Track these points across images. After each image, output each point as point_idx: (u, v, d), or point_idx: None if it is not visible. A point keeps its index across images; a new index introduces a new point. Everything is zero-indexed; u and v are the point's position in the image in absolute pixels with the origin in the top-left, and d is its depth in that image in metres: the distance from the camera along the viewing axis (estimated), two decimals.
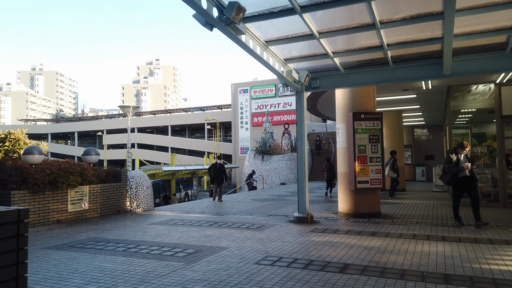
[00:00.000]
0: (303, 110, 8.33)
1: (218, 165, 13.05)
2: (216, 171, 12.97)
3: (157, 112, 72.17)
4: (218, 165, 13.06)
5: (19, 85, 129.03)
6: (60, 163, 8.77)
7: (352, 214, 8.76)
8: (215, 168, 13.06)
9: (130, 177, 10.66)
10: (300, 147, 8.34)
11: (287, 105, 50.16)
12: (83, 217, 9.18)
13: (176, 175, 32.61)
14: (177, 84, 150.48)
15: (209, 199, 13.97)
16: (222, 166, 13.10)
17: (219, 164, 13.09)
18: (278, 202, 12.36)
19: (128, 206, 10.51)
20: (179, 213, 10.00)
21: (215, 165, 13.11)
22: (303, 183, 8.26)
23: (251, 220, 8.57)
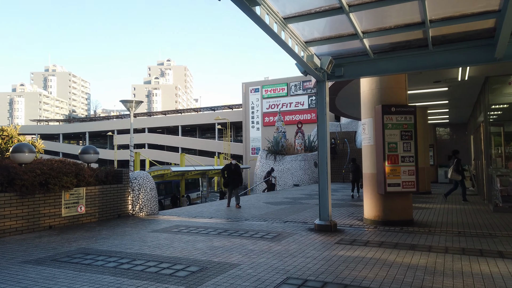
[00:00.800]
0: (325, 103, 7.28)
1: (233, 166, 11.46)
2: (231, 173, 11.36)
3: (167, 112, 71.76)
4: (233, 166, 11.47)
5: (32, 86, 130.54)
6: (53, 162, 7.89)
7: (380, 222, 7.67)
8: (229, 169, 11.44)
9: (133, 178, 9.76)
10: (322, 145, 7.29)
11: (299, 104, 49.03)
12: (79, 222, 8.29)
13: (185, 175, 31.80)
14: (188, 84, 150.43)
15: (219, 202, 12.99)
16: (237, 167, 11.52)
17: (234, 165, 11.52)
18: (294, 206, 11.32)
19: (130, 210, 9.60)
20: (185, 218, 9.04)
21: (229, 166, 11.49)
22: (325, 186, 7.20)
23: (265, 227, 7.55)
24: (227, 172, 11.47)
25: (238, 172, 11.44)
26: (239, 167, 11.64)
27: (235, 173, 11.37)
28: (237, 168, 11.49)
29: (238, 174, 11.41)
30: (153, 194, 10.01)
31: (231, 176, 11.35)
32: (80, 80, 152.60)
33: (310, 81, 48.22)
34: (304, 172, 23.28)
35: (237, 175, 11.37)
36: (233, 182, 11.33)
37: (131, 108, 10.41)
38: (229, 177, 11.35)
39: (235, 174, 11.35)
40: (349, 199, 13.16)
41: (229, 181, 11.39)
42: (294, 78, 49.87)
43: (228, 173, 11.42)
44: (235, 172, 11.39)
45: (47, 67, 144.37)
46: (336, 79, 7.44)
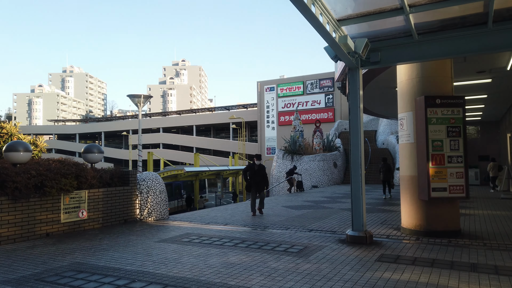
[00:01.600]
0: (358, 94, 6.25)
1: (256, 167, 9.64)
2: (254, 175, 9.62)
3: (182, 112, 71.46)
4: (256, 166, 9.64)
5: (50, 87, 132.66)
6: (50, 162, 7.10)
7: (422, 232, 6.59)
8: (252, 170, 9.64)
9: (141, 179, 8.92)
10: (355, 143, 6.26)
11: (315, 103, 47.79)
12: (81, 228, 7.47)
13: (199, 176, 31.03)
14: (202, 84, 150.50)
15: (234, 206, 12.05)
16: (262, 168, 9.73)
17: (258, 166, 9.67)
18: (317, 210, 10.29)
19: (137, 214, 8.76)
20: (197, 224, 8.14)
21: (252, 167, 9.67)
22: (358, 191, 6.17)
23: (288, 237, 6.57)
24: (249, 173, 9.69)
25: (263, 174, 9.74)
26: (264, 168, 9.82)
27: (259, 175, 9.66)
28: (261, 169, 9.73)
29: (263, 176, 9.72)
30: (163, 197, 9.15)
31: (254, 178, 9.63)
32: (97, 81, 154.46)
33: (327, 79, 46.93)
34: (323, 172, 22.17)
35: (261, 177, 9.68)
36: (257, 185, 9.62)
37: (139, 103, 9.60)
38: (252, 179, 9.64)
39: (259, 176, 9.65)
40: (377, 203, 12.04)
41: (252, 184, 9.68)
42: (310, 76, 48.68)
43: (251, 174, 9.65)
44: (259, 173, 9.68)
45: (65, 68, 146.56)
46: (371, 66, 6.40)
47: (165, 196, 9.22)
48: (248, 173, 9.72)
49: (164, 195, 9.19)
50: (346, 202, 12.07)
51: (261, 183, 9.63)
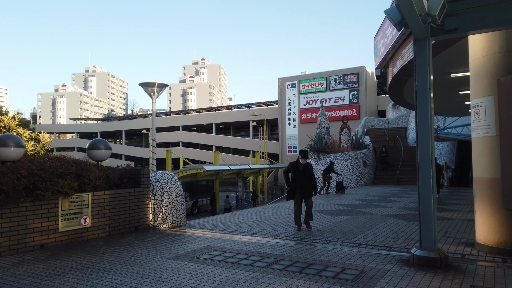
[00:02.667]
0: (428, 71, 4.81)
1: (301, 166, 7.41)
2: (299, 176, 7.38)
3: (202, 110, 70.80)
4: (301, 166, 7.41)
5: (73, 86, 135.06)
6: (45, 160, 5.99)
7: (508, 251, 5.09)
8: (295, 170, 7.41)
9: (154, 180, 7.74)
10: (424, 135, 4.84)
11: (339, 99, 45.94)
12: (83, 238, 6.34)
13: (220, 175, 29.92)
14: (222, 83, 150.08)
15: (260, 210, 10.75)
16: (308, 168, 7.46)
17: (304, 165, 7.41)
18: (356, 217, 8.86)
19: (150, 220, 7.58)
20: (219, 234, 6.88)
21: (296, 166, 7.42)
22: (428, 198, 4.75)
23: (334, 255, 5.21)
24: (292, 174, 7.47)
25: (309, 175, 7.43)
26: (311, 167, 7.54)
27: (305, 177, 7.37)
28: (307, 169, 7.43)
29: (310, 178, 7.43)
30: (180, 200, 7.94)
31: (299, 180, 7.37)
32: (118, 80, 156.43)
33: (352, 75, 45.02)
34: (352, 172, 20.59)
35: (308, 179, 7.41)
36: (302, 190, 7.36)
37: (152, 93, 8.43)
38: (296, 182, 7.40)
39: (305, 178, 7.37)
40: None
41: (296, 189, 7.39)
42: (333, 72, 46.85)
43: (295, 176, 7.42)
44: (305, 174, 7.38)
45: (87, 68, 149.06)
46: (445, 36, 4.94)
47: (182, 200, 8.01)
48: (291, 174, 7.51)
49: (181, 198, 7.98)
50: (387, 207, 10.58)
51: (307, 187, 7.40)
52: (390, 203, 11.58)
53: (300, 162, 7.42)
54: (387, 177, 21.87)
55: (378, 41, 10.10)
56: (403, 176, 21.20)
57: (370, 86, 46.54)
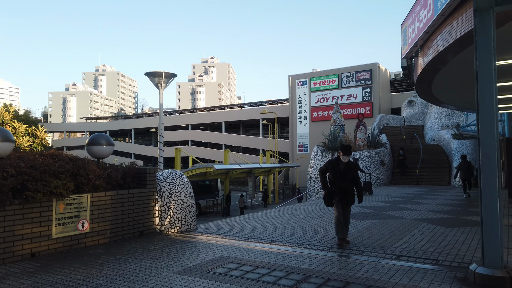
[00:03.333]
0: (492, 48, 3.94)
1: (343, 165, 5.83)
2: (340, 177, 5.80)
3: (211, 109, 70.22)
4: (342, 164, 5.83)
5: (84, 85, 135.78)
6: (37, 157, 5.26)
7: None
8: (335, 169, 5.82)
9: (161, 179, 6.97)
10: (487, 126, 3.96)
11: (351, 97, 44.87)
12: (81, 245, 5.60)
13: (230, 174, 29.18)
14: (231, 82, 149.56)
15: (276, 212, 9.93)
16: (351, 168, 5.91)
17: (346, 164, 5.84)
18: (384, 222, 7.98)
19: (157, 224, 6.83)
20: (234, 240, 6.09)
21: (336, 164, 5.84)
22: (493, 203, 3.87)
23: (373, 271, 4.37)
24: (331, 175, 5.82)
25: (353, 176, 5.86)
26: (356, 167, 6.35)
27: (346, 177, 5.78)
28: (350, 168, 5.84)
29: (353, 179, 5.87)
30: (189, 202, 7.16)
31: (340, 183, 5.76)
32: (128, 79, 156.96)
33: (364, 72, 43.88)
34: (369, 171, 19.62)
35: (350, 181, 5.84)
36: (344, 195, 5.75)
37: (159, 83, 7.65)
38: (337, 184, 5.77)
39: (346, 180, 5.78)
40: (457, 210, 9.54)
41: (335, 193, 5.76)
42: (346, 69, 45.77)
43: (334, 177, 5.78)
44: (347, 175, 5.78)
45: (98, 67, 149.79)
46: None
47: (191, 201, 7.24)
48: (329, 174, 5.87)
49: (190, 199, 7.21)
50: (415, 210, 9.67)
51: (349, 191, 5.81)
52: (417, 205, 10.66)
53: (341, 160, 5.80)
54: (405, 177, 20.85)
55: (406, 28, 9.20)
56: (423, 176, 20.16)
57: (384, 83, 45.36)
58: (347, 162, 5.87)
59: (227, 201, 25.78)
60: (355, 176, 5.94)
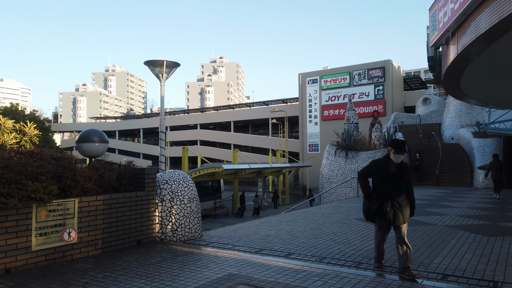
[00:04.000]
0: None
1: (394, 167, 4.33)
2: (389, 183, 4.28)
3: (219, 108, 69.57)
4: (393, 166, 4.34)
5: (94, 85, 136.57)
6: (12, 155, 4.49)
7: None
8: (383, 172, 4.34)
9: (162, 181, 6.18)
10: None
11: (363, 95, 43.69)
12: (67, 258, 4.82)
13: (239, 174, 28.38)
14: (240, 81, 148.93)
15: (290, 217, 9.06)
16: (403, 170, 4.35)
17: (398, 166, 4.33)
18: (414, 229, 7.06)
19: (157, 232, 6.03)
20: (244, 253, 5.26)
21: (384, 165, 4.36)
22: None
23: None
24: (377, 180, 4.38)
25: (406, 181, 4.36)
26: (408, 169, 4.46)
27: (398, 183, 4.29)
28: (404, 171, 4.35)
29: (408, 185, 4.38)
30: (194, 207, 6.35)
31: (388, 190, 4.27)
32: (138, 80, 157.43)
33: (377, 69, 42.70)
34: None
35: (403, 188, 4.32)
36: (394, 207, 4.22)
37: (160, 74, 6.82)
38: (384, 191, 4.29)
39: (398, 186, 4.29)
40: (485, 215, 8.56)
41: (382, 205, 4.24)
42: (357, 66, 44.62)
43: (381, 183, 4.34)
44: (400, 180, 4.30)
45: (107, 67, 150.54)
46: None
47: (196, 206, 6.42)
48: (375, 179, 4.40)
49: (195, 204, 6.39)
50: (444, 214, 8.72)
51: (403, 203, 4.27)
52: (444, 209, 9.70)
53: (392, 160, 4.30)
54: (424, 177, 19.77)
55: (436, 12, 8.26)
56: (442, 177, 19.09)
57: (397, 81, 44.12)
58: (399, 164, 4.32)
59: (241, 202, 24.92)
60: (408, 182, 4.36)
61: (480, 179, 17.75)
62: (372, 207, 4.33)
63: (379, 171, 4.37)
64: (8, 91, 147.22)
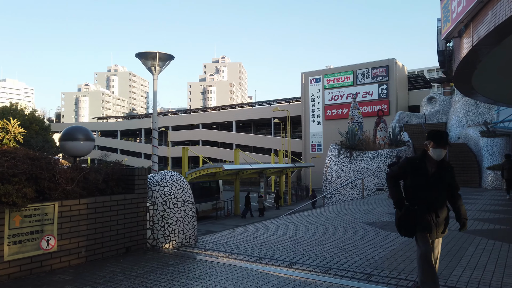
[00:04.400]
0: None
1: (433, 167, 3.44)
2: (428, 187, 3.39)
3: (222, 108, 69.13)
4: (432, 165, 3.44)
5: (96, 85, 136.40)
6: None
7: None
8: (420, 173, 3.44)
9: (154, 183, 5.70)
10: None
11: (367, 94, 43.12)
12: (45, 268, 4.36)
13: (240, 174, 27.90)
14: (242, 81, 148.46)
15: (293, 221, 8.56)
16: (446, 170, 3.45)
17: (438, 165, 3.44)
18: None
19: (148, 238, 5.55)
20: (242, 262, 4.78)
21: (421, 164, 3.45)
22: None
23: None
24: (413, 182, 3.46)
25: (451, 184, 3.49)
26: (451, 170, 3.51)
27: (439, 187, 3.42)
28: (447, 171, 3.46)
29: (452, 188, 3.50)
30: (188, 210, 5.87)
31: (427, 196, 3.40)
32: (140, 80, 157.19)
33: (381, 68, 42.11)
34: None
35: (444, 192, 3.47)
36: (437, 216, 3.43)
37: (153, 67, 6.33)
38: (422, 200, 3.42)
39: (439, 190, 3.42)
40: (500, 219, 8.04)
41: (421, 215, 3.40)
42: (361, 65, 44.04)
43: (416, 186, 3.44)
44: (443, 181, 3.43)
45: (110, 67, 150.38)
46: None
47: (191, 209, 5.94)
48: (409, 182, 3.50)
49: (189, 207, 5.91)
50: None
51: (439, 208, 3.46)
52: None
53: (431, 157, 3.42)
54: None
55: (449, 2, 7.73)
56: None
57: (401, 79, 43.52)
58: (440, 162, 3.42)
59: (247, 203, 24.43)
60: (453, 184, 3.49)
61: (489, 180, 17.20)
62: (405, 217, 3.46)
63: (414, 171, 3.44)
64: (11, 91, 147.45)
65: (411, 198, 3.49)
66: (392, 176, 3.65)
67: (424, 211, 3.40)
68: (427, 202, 3.40)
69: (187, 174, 21.83)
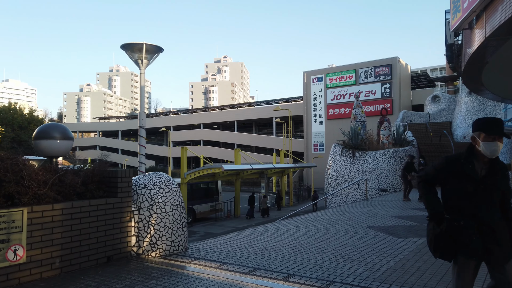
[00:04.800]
0: None
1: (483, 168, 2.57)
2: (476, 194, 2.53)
3: (223, 107, 68.70)
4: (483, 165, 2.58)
5: (98, 86, 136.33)
6: None
7: None
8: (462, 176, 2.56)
9: (139, 186, 5.23)
10: None
11: (370, 93, 42.58)
12: (12, 282, 3.89)
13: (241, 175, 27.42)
14: (244, 81, 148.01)
15: (292, 225, 8.06)
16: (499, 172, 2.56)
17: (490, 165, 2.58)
18: None
19: (133, 245, 5.08)
20: (233, 273, 4.30)
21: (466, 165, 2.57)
22: None
23: None
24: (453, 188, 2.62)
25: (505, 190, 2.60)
26: (506, 171, 2.62)
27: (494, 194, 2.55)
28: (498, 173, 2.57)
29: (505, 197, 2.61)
30: (177, 215, 5.39)
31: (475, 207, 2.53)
32: None
33: (384, 67, 41.54)
34: (395, 173, 17.56)
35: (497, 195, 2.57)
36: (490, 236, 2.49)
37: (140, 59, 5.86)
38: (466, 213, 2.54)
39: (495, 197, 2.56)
40: None
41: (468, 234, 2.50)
42: (364, 64, 43.49)
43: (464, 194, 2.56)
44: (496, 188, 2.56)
45: (111, 67, 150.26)
46: None
47: (181, 214, 5.46)
48: (450, 188, 2.63)
49: (179, 212, 5.43)
50: None
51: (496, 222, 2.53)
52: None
53: (481, 154, 2.56)
54: None
55: None
56: None
57: (404, 78, 42.94)
58: (492, 161, 2.58)
59: (251, 203, 23.97)
60: (509, 191, 2.64)
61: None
62: (445, 235, 2.56)
63: (457, 174, 2.59)
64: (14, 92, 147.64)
65: (453, 209, 2.61)
66: (424, 180, 2.75)
67: (471, 228, 2.50)
68: (477, 214, 2.52)
69: (185, 174, 21.35)
